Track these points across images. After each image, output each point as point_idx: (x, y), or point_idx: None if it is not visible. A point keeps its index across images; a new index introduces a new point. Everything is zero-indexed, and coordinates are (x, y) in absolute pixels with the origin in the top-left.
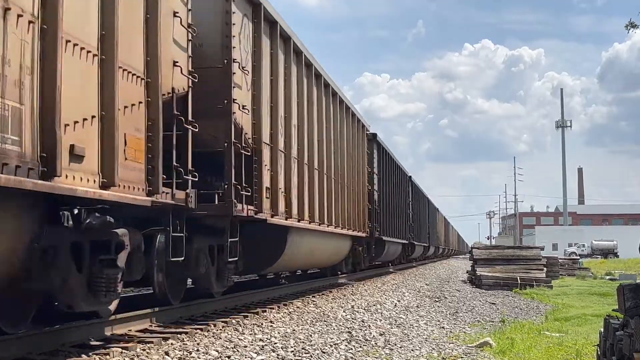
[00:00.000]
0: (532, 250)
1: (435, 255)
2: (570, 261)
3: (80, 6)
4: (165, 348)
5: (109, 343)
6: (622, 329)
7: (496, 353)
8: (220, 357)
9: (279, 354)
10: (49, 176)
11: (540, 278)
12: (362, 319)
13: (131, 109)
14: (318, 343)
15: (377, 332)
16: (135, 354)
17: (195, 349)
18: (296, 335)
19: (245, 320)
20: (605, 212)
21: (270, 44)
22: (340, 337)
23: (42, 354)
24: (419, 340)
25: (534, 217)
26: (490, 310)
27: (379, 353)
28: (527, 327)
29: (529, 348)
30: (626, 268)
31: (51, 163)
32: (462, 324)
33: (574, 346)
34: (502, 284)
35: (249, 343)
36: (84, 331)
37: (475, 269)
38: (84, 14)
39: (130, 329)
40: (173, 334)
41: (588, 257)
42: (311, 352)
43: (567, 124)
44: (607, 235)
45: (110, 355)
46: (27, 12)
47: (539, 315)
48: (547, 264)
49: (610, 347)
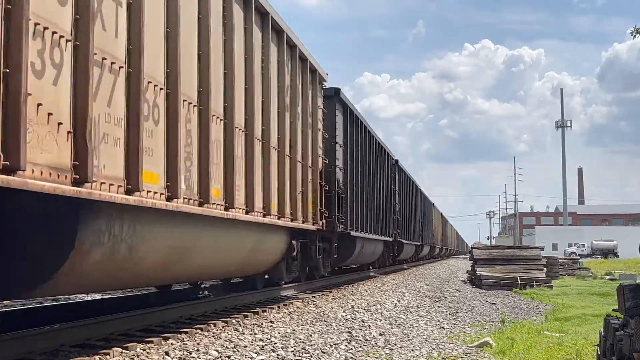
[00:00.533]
0: (532, 250)
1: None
2: (570, 261)
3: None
4: (165, 348)
5: (109, 343)
6: (622, 329)
7: (496, 353)
8: (220, 357)
9: (279, 354)
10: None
11: (540, 278)
12: (362, 319)
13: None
14: (318, 343)
15: (377, 332)
16: (135, 353)
17: (195, 349)
18: (296, 335)
19: (245, 320)
20: (605, 212)
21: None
22: (340, 337)
23: (42, 354)
24: (419, 340)
25: (534, 217)
26: (490, 310)
27: (379, 353)
28: (527, 327)
29: (529, 348)
30: (626, 268)
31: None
32: (462, 324)
33: (574, 346)
34: (502, 284)
35: (249, 343)
36: (84, 331)
37: (475, 269)
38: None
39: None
40: (173, 333)
41: (588, 257)
42: (311, 352)
43: (567, 124)
44: (607, 235)
45: (110, 355)
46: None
47: (539, 315)
48: (547, 264)
49: (610, 347)
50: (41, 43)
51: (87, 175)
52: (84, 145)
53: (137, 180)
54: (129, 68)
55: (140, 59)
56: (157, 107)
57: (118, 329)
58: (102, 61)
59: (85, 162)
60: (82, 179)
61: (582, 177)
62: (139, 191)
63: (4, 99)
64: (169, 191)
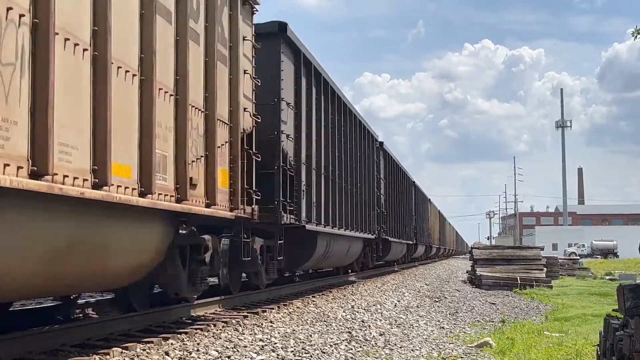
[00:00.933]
0: (532, 250)
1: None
2: (570, 261)
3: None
4: (165, 348)
5: (109, 343)
6: (622, 329)
7: (496, 353)
8: (220, 357)
9: (279, 354)
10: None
11: (540, 278)
12: (362, 319)
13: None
14: (318, 343)
15: (377, 332)
16: (135, 353)
17: (195, 349)
18: (296, 335)
19: (245, 320)
20: (605, 212)
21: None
22: (340, 337)
23: (42, 354)
24: (419, 340)
25: (534, 217)
26: (490, 310)
27: (379, 353)
28: (527, 327)
29: (529, 348)
30: (626, 268)
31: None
32: (462, 324)
33: (573, 346)
34: (502, 284)
35: (249, 343)
36: (84, 331)
37: (475, 269)
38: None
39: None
40: (173, 334)
41: (588, 257)
42: (311, 352)
43: (567, 124)
44: (607, 235)
45: (110, 355)
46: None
47: (539, 315)
48: (547, 264)
49: (610, 347)
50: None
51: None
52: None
53: (327, 220)
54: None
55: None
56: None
57: (118, 329)
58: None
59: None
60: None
61: (582, 177)
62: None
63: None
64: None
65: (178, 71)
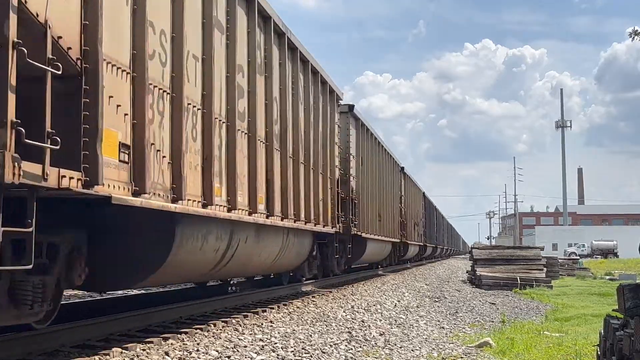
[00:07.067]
0: (532, 250)
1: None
2: (570, 261)
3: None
4: (165, 348)
5: (109, 343)
6: (622, 329)
7: (496, 353)
8: (220, 357)
9: (279, 354)
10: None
11: (540, 278)
12: (362, 319)
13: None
14: (318, 343)
15: (377, 332)
16: (135, 354)
17: (195, 349)
18: (296, 335)
19: (245, 320)
20: (605, 212)
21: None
22: (340, 337)
23: (42, 354)
24: (419, 340)
25: (534, 217)
26: (490, 310)
27: (379, 353)
28: (527, 327)
29: (529, 348)
30: (626, 268)
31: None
32: (462, 324)
33: (573, 346)
34: (502, 284)
35: (249, 343)
36: (84, 331)
37: (475, 269)
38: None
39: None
40: (173, 334)
41: (588, 257)
42: (311, 352)
43: (567, 124)
44: (607, 235)
45: (110, 355)
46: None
47: (539, 316)
48: (547, 264)
49: (610, 347)
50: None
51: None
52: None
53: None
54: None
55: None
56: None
57: (118, 329)
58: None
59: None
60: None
61: (582, 177)
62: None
63: None
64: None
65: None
